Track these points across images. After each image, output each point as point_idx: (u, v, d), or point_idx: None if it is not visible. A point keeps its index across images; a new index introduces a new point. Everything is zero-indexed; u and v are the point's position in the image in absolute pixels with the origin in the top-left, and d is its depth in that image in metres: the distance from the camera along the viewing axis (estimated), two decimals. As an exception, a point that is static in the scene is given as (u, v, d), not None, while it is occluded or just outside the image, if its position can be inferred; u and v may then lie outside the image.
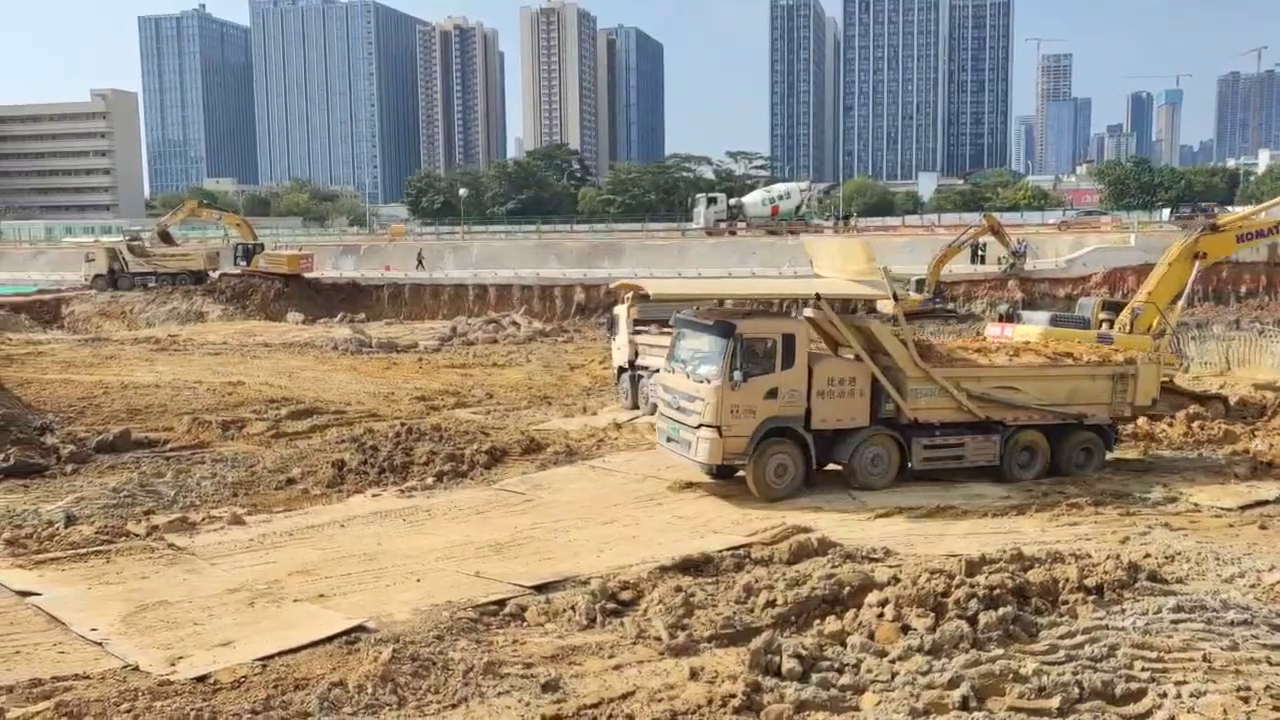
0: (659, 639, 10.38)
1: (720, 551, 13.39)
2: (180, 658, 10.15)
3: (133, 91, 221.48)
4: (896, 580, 10.98)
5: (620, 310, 26.69)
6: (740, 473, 16.98)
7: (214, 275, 59.87)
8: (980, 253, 51.91)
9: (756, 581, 11.49)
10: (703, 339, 17.43)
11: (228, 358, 36.14)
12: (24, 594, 12.10)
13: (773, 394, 16.67)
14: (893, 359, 17.46)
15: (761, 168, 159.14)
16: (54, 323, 52.77)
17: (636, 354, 25.35)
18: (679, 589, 11.72)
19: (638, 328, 25.60)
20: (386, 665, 9.39)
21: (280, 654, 10.11)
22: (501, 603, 11.74)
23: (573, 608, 11.30)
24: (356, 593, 12.27)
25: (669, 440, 17.70)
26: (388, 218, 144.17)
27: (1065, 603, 10.83)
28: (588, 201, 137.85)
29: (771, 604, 10.86)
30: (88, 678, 9.61)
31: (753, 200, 78.63)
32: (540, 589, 12.32)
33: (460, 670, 9.50)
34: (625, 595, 11.66)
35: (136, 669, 9.90)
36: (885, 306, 21.60)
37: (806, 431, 16.96)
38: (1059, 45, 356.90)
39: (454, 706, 8.96)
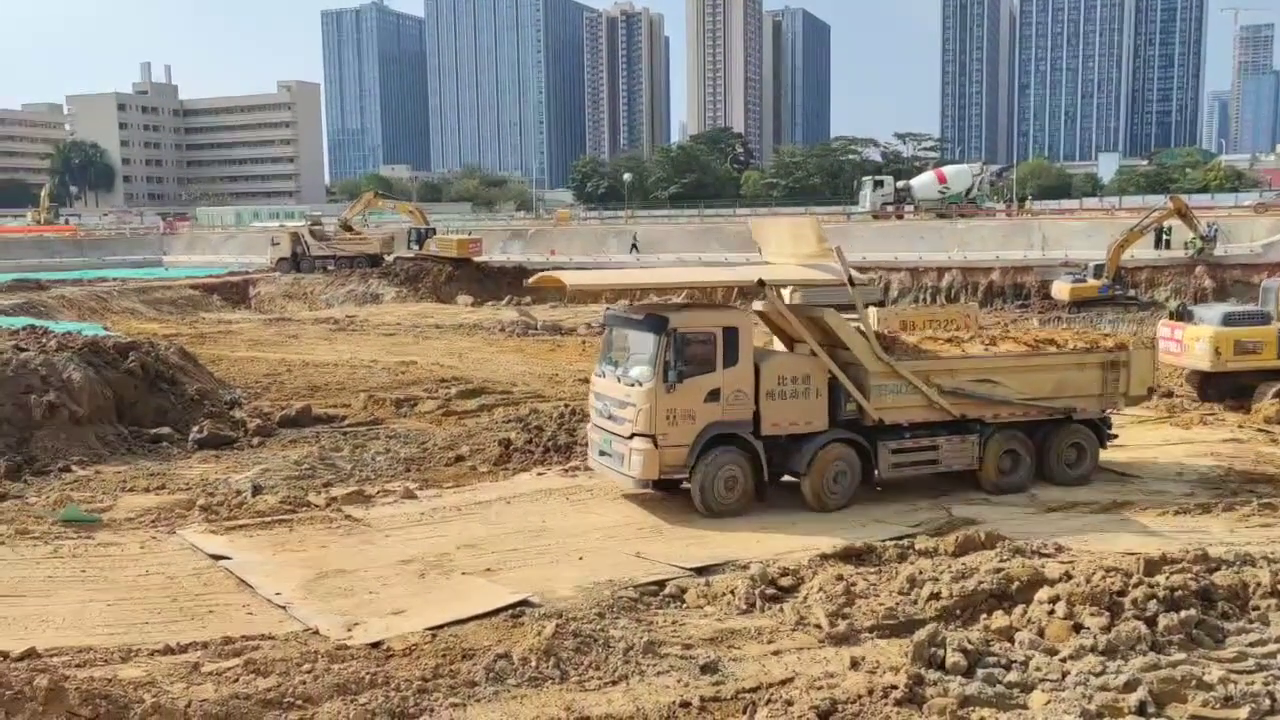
0: (819, 626, 10.30)
1: (883, 541, 13.17)
2: (356, 624, 10.64)
3: (315, 83, 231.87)
4: (1069, 577, 10.56)
5: (784, 294, 26.49)
6: (685, 484, 15.12)
7: (389, 259, 62.13)
8: (1165, 237, 49.17)
9: (920, 573, 11.24)
10: (633, 336, 15.52)
11: (401, 338, 37.53)
12: (216, 557, 12.90)
13: (714, 396, 14.79)
14: (852, 353, 15.56)
15: (931, 150, 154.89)
16: (242, 303, 55.77)
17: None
18: (840, 577, 11.59)
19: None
20: (550, 640, 9.60)
21: (449, 624, 10.49)
22: (661, 583, 11.87)
23: (732, 591, 11.32)
24: (521, 568, 12.59)
25: (601, 454, 15.72)
26: (553, 203, 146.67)
27: (1256, 608, 10.21)
28: (751, 185, 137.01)
29: (936, 596, 10.61)
30: (272, 638, 10.18)
31: (921, 183, 76.59)
32: (700, 571, 12.40)
33: (621, 648, 9.64)
34: (785, 581, 11.60)
35: (316, 633, 10.43)
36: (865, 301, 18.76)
37: (756, 438, 15.03)
38: (1259, 15, 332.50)
39: (614, 683, 9.10)
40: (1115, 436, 17.36)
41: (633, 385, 14.91)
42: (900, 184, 77.81)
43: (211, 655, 9.55)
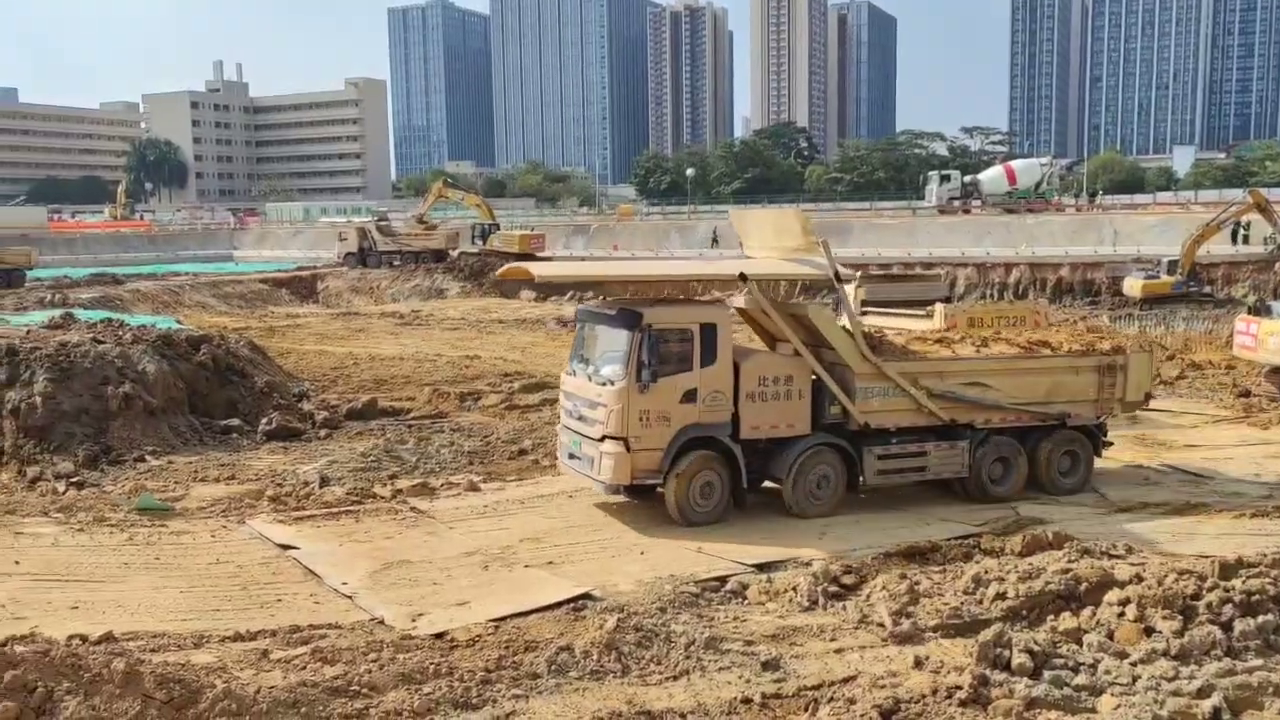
0: (882, 625, 10.22)
1: (947, 540, 13.04)
2: (421, 614, 10.77)
3: (381, 80, 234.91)
4: (1140, 579, 10.35)
5: (847, 290, 26.24)
6: (660, 490, 14.41)
7: (454, 254, 62.76)
8: (1243, 232, 47.97)
9: (986, 573, 11.09)
10: (605, 333, 14.72)
11: (465, 332, 37.87)
12: (285, 547, 13.13)
13: (690, 397, 13.99)
14: (837, 353, 14.75)
15: (999, 144, 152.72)
16: (310, 297, 56.71)
17: None
18: (904, 576, 11.49)
19: (865, 309, 24.98)
20: (612, 633, 9.64)
21: (512, 616, 10.57)
22: (723, 579, 11.86)
23: (794, 588, 11.27)
24: (583, 561, 12.66)
25: (571, 457, 15.00)
26: (616, 198, 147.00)
27: (1335, 614, 9.92)
28: (815, 180, 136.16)
29: (1002, 596, 10.47)
30: (339, 627, 10.34)
31: (989, 177, 75.52)
32: (762, 568, 12.36)
33: (682, 643, 9.65)
34: (848, 579, 11.52)
35: (382, 622, 10.57)
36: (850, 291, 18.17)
37: (734, 442, 14.26)
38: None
39: (675, 678, 9.12)
40: (1110, 444, 16.55)
41: (604, 385, 14.10)
42: (967, 179, 76.90)
43: (280, 643, 9.73)
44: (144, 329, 23.98)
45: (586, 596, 11.22)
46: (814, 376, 14.69)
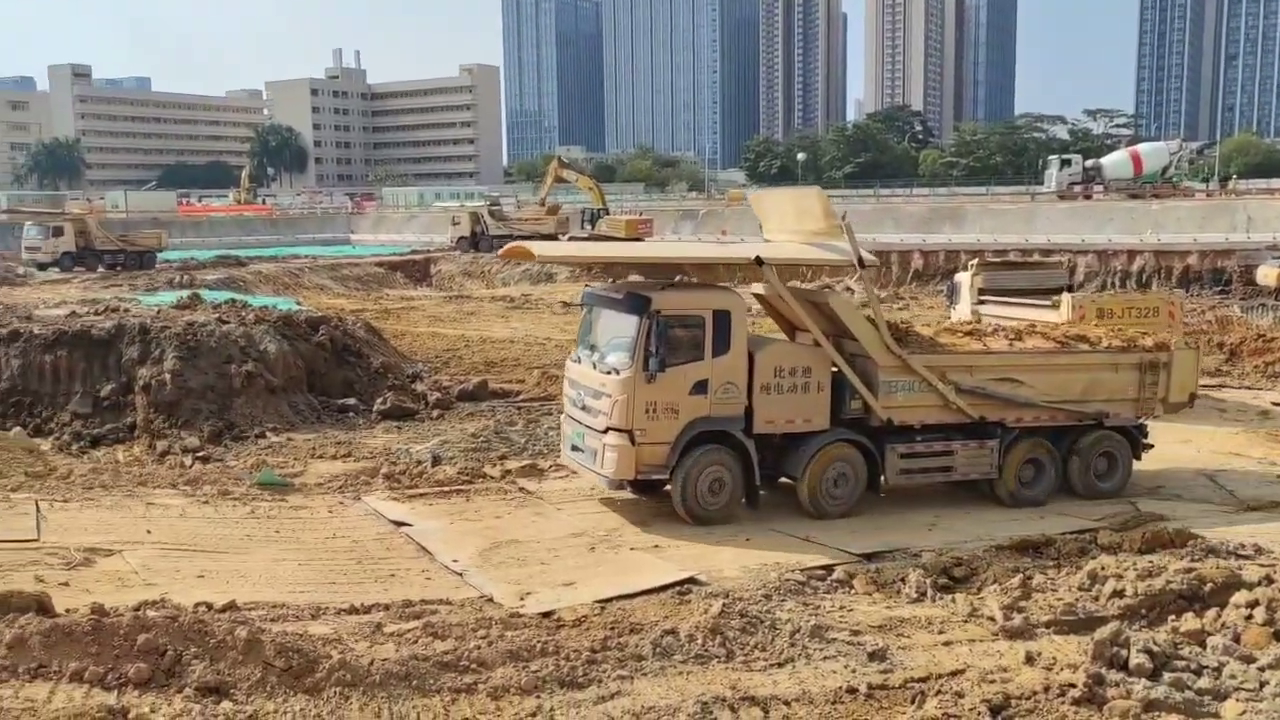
0: (992, 619, 10.00)
1: (1063, 534, 12.70)
2: (528, 593, 10.94)
3: (495, 65, 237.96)
4: (1270, 580, 9.94)
5: (963, 277, 25.59)
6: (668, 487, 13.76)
7: (564, 239, 63.29)
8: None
9: (1103, 569, 10.78)
10: (612, 318, 13.97)
11: (573, 316, 38.10)
12: (398, 524, 13.46)
13: (701, 388, 13.23)
14: (860, 344, 13.96)
15: (1124, 126, 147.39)
16: (424, 280, 57.82)
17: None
18: (1016, 570, 11.26)
19: (983, 297, 24.25)
20: (716, 618, 9.64)
21: (618, 598, 10.66)
22: (829, 568, 11.76)
23: (902, 579, 11.12)
24: (688, 546, 12.68)
25: (573, 449, 14.35)
26: (725, 183, 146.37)
27: None
28: (929, 164, 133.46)
29: (1119, 594, 10.16)
30: (449, 603, 10.57)
31: (1113, 162, 72.93)
32: (869, 557, 12.23)
33: (787, 630, 9.60)
34: (958, 571, 11.33)
35: (490, 600, 10.78)
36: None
37: (747, 436, 13.50)
38: None
39: (780, 665, 9.08)
40: (1151, 446, 15.55)
41: (609, 373, 13.38)
42: (1089, 163, 74.32)
43: (393, 617, 9.98)
44: (266, 310, 24.80)
45: (691, 581, 11.25)
46: (834, 369, 13.94)
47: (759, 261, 13.90)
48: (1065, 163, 74.04)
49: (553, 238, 63.33)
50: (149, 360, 20.20)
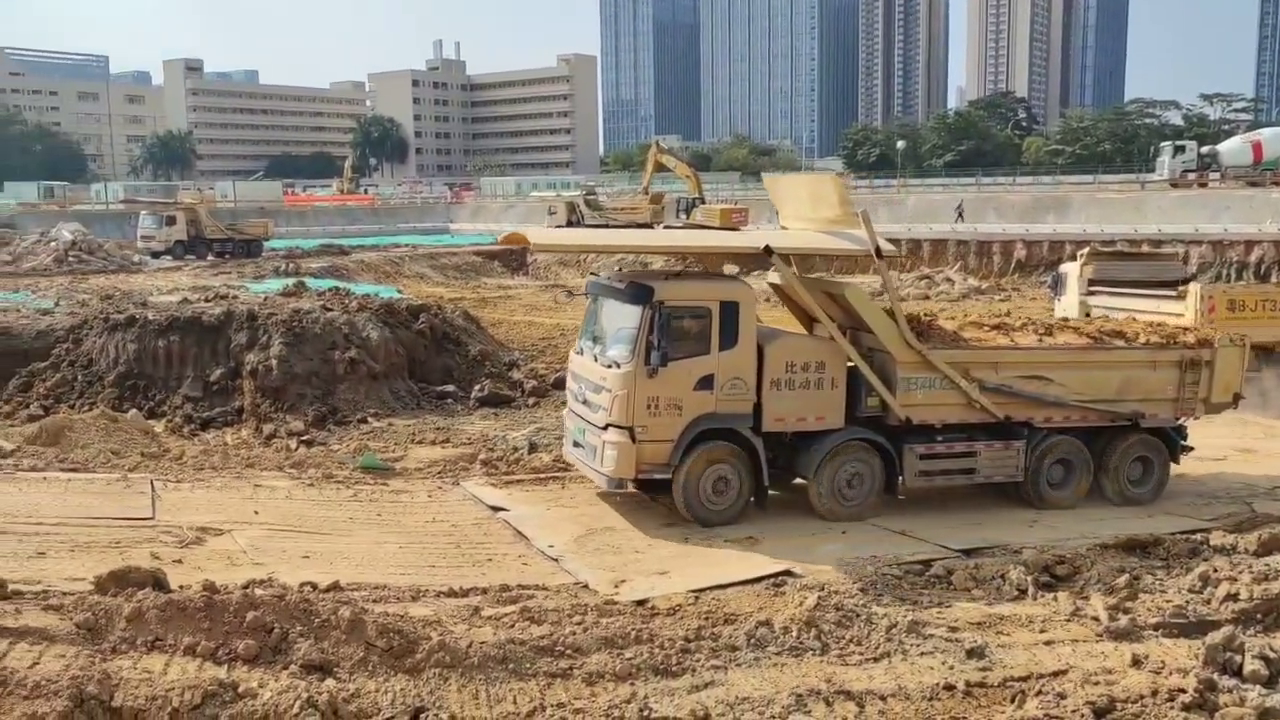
0: (1097, 619, 9.76)
1: (1172, 534, 12.31)
2: (623, 580, 11.01)
3: (592, 55, 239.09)
4: (1395, 587, 9.50)
5: (1068, 268, 24.84)
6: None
7: (659, 229, 63.26)
8: None
9: (1215, 571, 10.43)
10: (614, 308, 13.35)
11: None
12: (495, 509, 13.66)
13: (706, 383, 12.61)
14: (878, 338, 13.26)
15: (1243, 111, 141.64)
16: (520, 269, 58.42)
17: (1088, 318, 22.88)
18: (1122, 569, 10.97)
19: (1093, 288, 23.29)
20: (812, 611, 9.59)
21: (712, 588, 10.66)
22: (927, 563, 11.60)
23: (1003, 576, 10.90)
24: (783, 538, 12.60)
25: (575, 445, 13.83)
26: (823, 171, 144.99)
27: None
28: (1033, 152, 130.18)
29: (1233, 597, 9.82)
30: (545, 589, 10.70)
31: (1230, 148, 70.13)
32: (968, 553, 12.02)
33: (884, 625, 9.50)
34: (1061, 569, 11.07)
35: (586, 586, 10.87)
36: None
37: (755, 435, 12.88)
38: None
39: (876, 660, 8.99)
40: (1190, 449, 14.76)
41: (609, 367, 12.79)
42: (1204, 149, 71.57)
43: (490, 601, 10.13)
44: (368, 298, 25.33)
45: (786, 573, 11.19)
46: (850, 364, 13.26)
47: (768, 251, 13.28)
48: (1179, 149, 71.41)
49: (649, 227, 63.44)
50: (256, 346, 20.83)
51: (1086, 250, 23.87)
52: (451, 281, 50.02)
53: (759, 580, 10.93)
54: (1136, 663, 8.72)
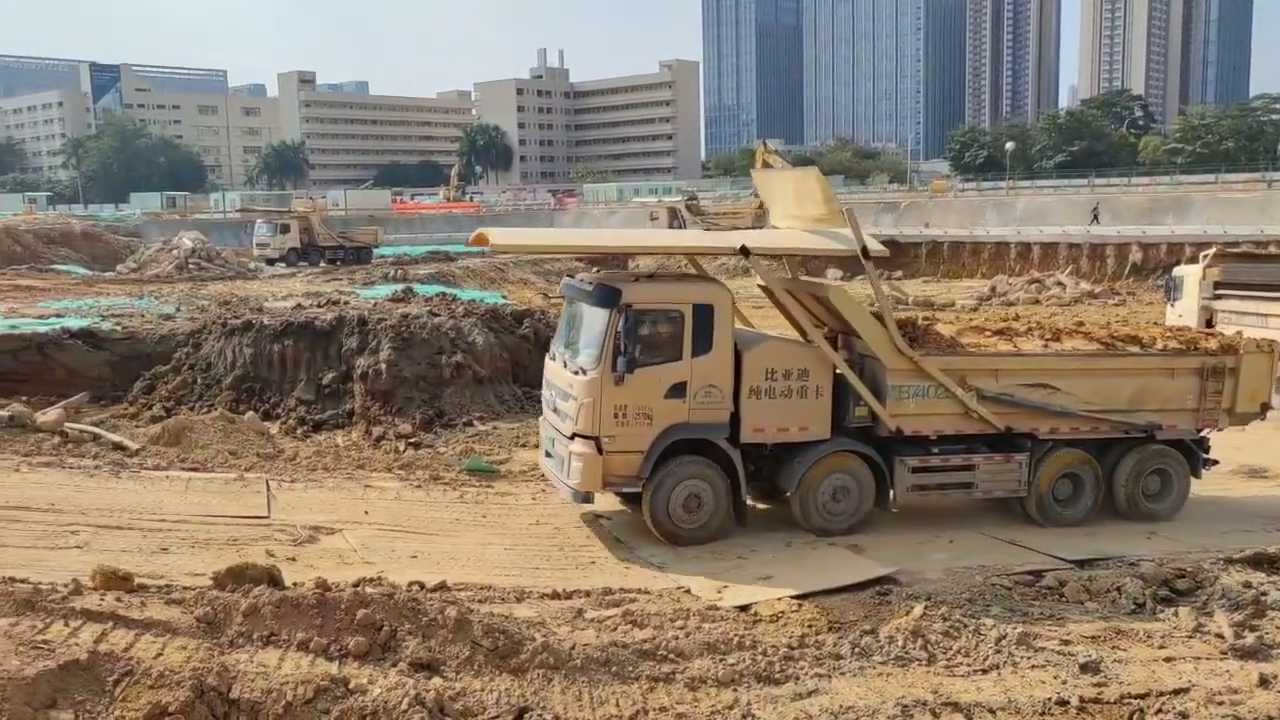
0: (1221, 636, 9.38)
1: (1302, 548, 11.77)
2: (725, 586, 10.96)
3: (694, 61, 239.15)
4: None
5: (1185, 270, 23.80)
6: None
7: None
8: None
9: (1349, 587, 9.94)
10: (584, 312, 12.69)
11: (769, 311, 37.91)
12: (598, 516, 13.74)
13: (678, 391, 11.93)
14: (866, 343, 12.56)
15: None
16: (624, 274, 58.59)
17: (1211, 323, 20.87)
18: (1248, 584, 10.52)
19: (1219, 291, 21.66)
20: (918, 620, 9.42)
21: (816, 594, 10.53)
22: (1038, 574, 11.29)
23: (1119, 589, 10.55)
24: (888, 546, 12.42)
25: (547, 455, 13.25)
26: (928, 174, 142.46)
27: None
28: (1150, 152, 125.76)
29: (1368, 615, 9.33)
30: (648, 593, 10.72)
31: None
32: (1081, 564, 11.67)
33: (993, 636, 9.28)
34: (1180, 584, 10.67)
35: (688, 591, 10.85)
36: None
37: (732, 446, 12.20)
38: None
39: (984, 672, 8.79)
40: (1215, 463, 13.90)
41: (576, 374, 12.17)
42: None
43: (593, 603, 10.20)
44: (473, 303, 25.70)
45: (891, 580, 11.02)
46: (835, 372, 12.56)
47: (744, 251, 12.56)
48: (1307, 146, 68.38)
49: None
50: (366, 350, 21.32)
51: (1211, 252, 22.74)
52: (554, 287, 50.47)
53: (864, 588, 10.78)
54: (1264, 683, 8.35)
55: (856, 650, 9.05)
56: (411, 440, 18.55)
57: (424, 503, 14.09)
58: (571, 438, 12.15)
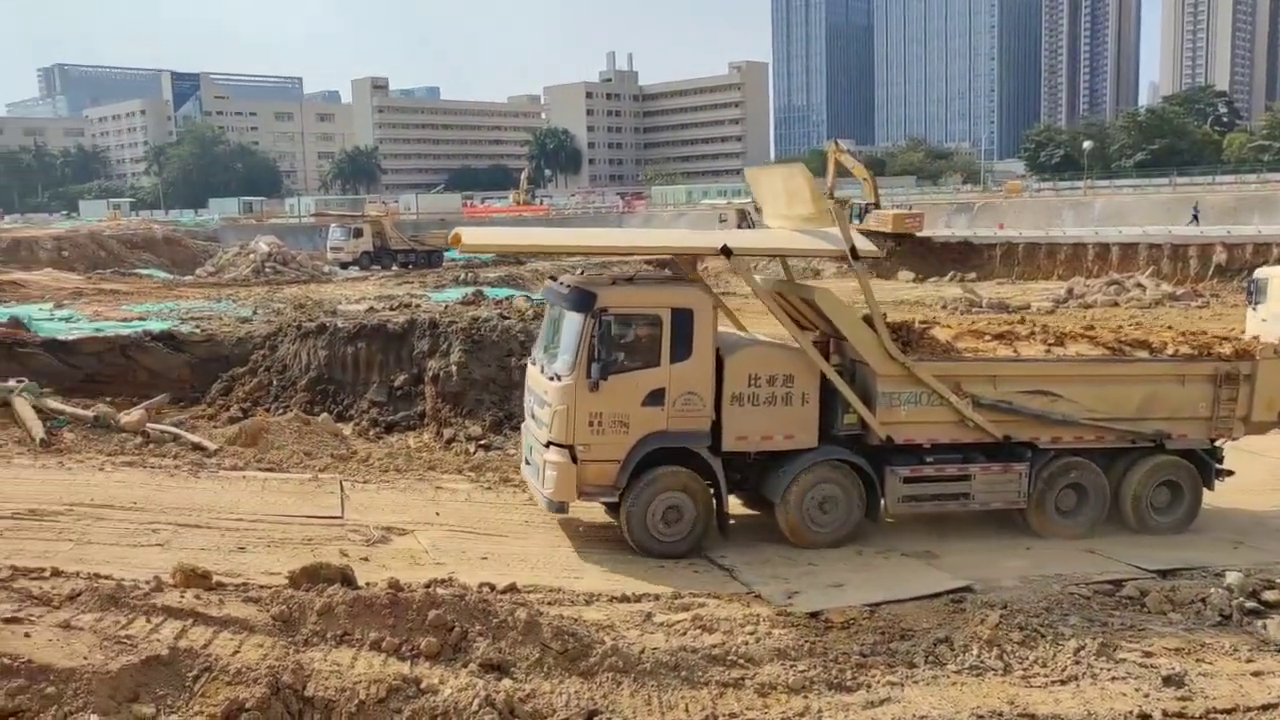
0: (1312, 650, 9.06)
1: (1398, 560, 11.34)
2: (796, 592, 10.86)
3: (763, 62, 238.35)
4: None
5: (1269, 272, 23.07)
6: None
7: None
8: None
9: None
10: (562, 317, 12.28)
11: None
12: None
13: (656, 398, 11.56)
14: (854, 347, 12.11)
15: None
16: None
17: None
18: (1341, 597, 10.14)
19: None
20: (994, 629, 9.25)
21: (888, 602, 10.40)
22: (1118, 583, 11.04)
23: (1203, 600, 10.27)
24: (963, 554, 12.22)
25: (526, 463, 12.93)
26: (1003, 174, 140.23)
27: None
28: (1235, 150, 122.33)
29: None
30: (717, 597, 10.66)
31: None
32: (1164, 574, 11.37)
33: (1071, 646, 9.09)
34: (1270, 595, 10.34)
35: (758, 597, 10.77)
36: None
37: (714, 455, 11.80)
38: None
39: (1063, 683, 8.61)
40: (1229, 473, 13.21)
41: (551, 380, 11.85)
42: None
43: (663, 607, 10.17)
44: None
45: (966, 589, 10.83)
46: (822, 378, 12.11)
47: (726, 252, 12.12)
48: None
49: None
50: (437, 353, 21.53)
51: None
52: (623, 289, 50.54)
53: (937, 596, 10.62)
54: (1358, 699, 8.06)
55: (930, 659, 8.92)
56: (481, 442, 18.69)
57: (494, 504, 14.17)
58: (546, 445, 11.89)
